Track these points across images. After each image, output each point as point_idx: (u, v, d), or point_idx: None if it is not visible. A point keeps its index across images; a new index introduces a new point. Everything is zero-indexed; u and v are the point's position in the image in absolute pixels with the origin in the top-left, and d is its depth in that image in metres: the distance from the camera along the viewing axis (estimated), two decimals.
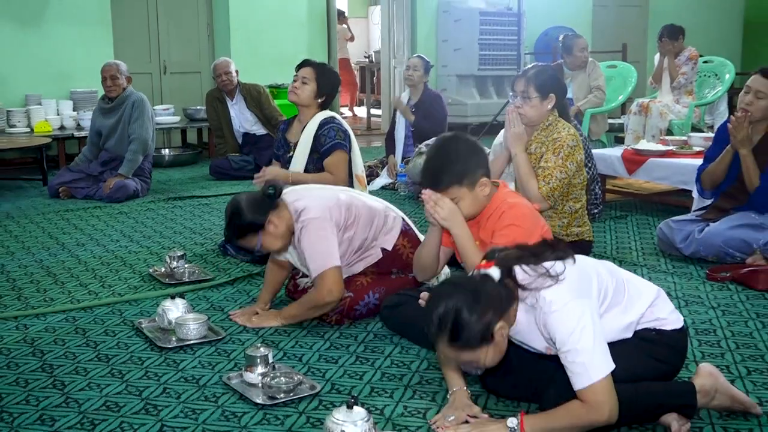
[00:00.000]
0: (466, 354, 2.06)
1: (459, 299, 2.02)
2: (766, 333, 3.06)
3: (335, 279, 3.02)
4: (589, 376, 2.05)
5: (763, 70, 3.89)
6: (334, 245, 3.05)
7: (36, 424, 2.35)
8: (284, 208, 3.09)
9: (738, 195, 3.97)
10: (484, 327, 2.01)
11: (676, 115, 7.03)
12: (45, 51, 7.36)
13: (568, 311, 2.08)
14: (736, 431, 2.26)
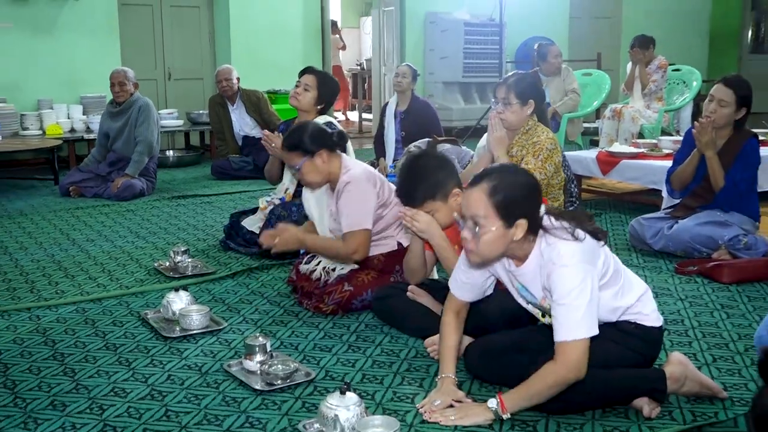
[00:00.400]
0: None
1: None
2: (730, 323, 3.07)
3: (363, 240, 3.07)
4: (574, 332, 2.09)
5: (725, 80, 3.90)
6: (370, 210, 3.08)
7: (48, 409, 2.34)
8: (338, 158, 3.16)
9: (704, 194, 3.98)
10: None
11: (647, 120, 7.05)
12: (56, 58, 7.33)
13: (574, 270, 2.11)
14: (703, 414, 2.27)
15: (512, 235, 2.14)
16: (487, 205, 2.12)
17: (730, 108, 3.81)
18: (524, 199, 2.16)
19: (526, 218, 2.14)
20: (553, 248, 2.16)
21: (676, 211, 4.11)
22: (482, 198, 2.13)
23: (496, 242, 2.15)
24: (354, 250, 3.06)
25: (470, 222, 2.16)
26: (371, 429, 2.06)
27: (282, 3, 8.60)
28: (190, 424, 2.24)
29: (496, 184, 2.14)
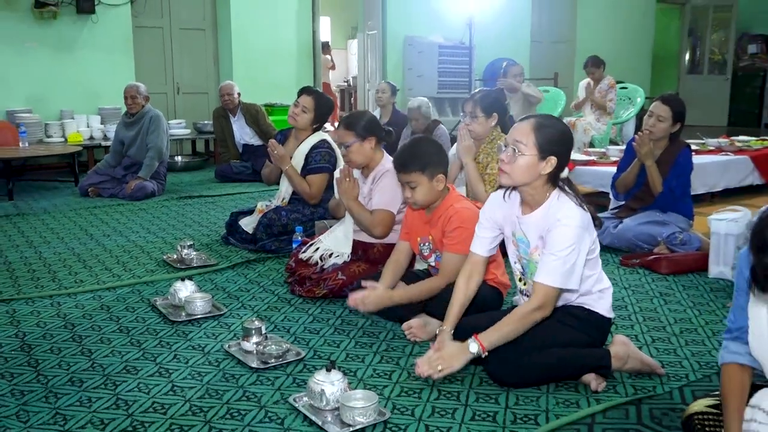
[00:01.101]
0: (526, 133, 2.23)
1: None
2: (667, 309, 3.10)
3: (387, 219, 3.13)
4: (552, 278, 2.19)
5: (662, 98, 3.93)
6: (398, 199, 3.12)
7: (67, 385, 2.33)
8: (381, 150, 3.25)
9: (645, 197, 4.01)
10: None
11: (597, 131, 7.11)
12: (77, 74, 7.27)
13: (573, 231, 2.18)
14: (643, 388, 2.29)
15: (541, 168, 2.22)
16: (530, 135, 2.22)
17: (667, 122, 3.85)
18: (560, 142, 2.25)
19: (557, 158, 2.22)
20: (562, 206, 2.23)
21: (620, 211, 4.14)
22: (528, 129, 2.23)
23: (527, 169, 2.22)
24: (377, 224, 3.11)
25: (511, 147, 2.24)
26: (353, 401, 2.06)
27: (278, 26, 8.57)
28: (194, 397, 2.23)
29: (543, 122, 2.26)
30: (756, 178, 5.88)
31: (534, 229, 2.30)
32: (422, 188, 2.70)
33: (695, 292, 3.34)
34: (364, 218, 3.14)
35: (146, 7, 7.91)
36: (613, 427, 2.05)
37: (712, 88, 12.69)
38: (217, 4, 8.47)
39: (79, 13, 7.15)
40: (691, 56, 13.11)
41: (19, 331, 2.82)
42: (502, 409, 2.15)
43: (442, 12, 9.34)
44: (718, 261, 3.54)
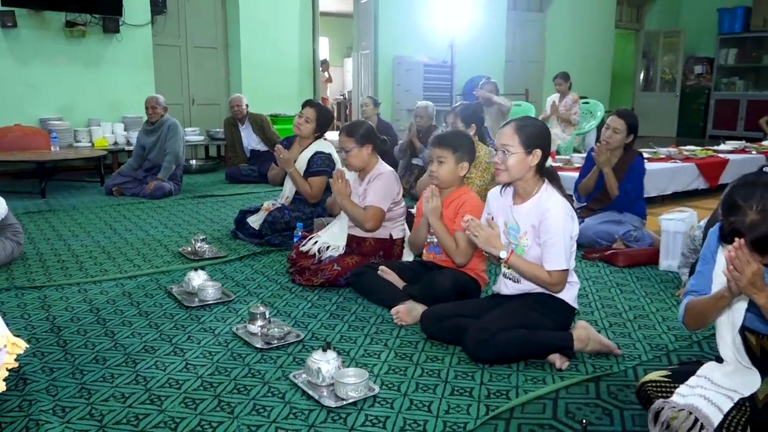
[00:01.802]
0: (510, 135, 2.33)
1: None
2: (623, 297, 3.11)
3: (377, 215, 3.14)
4: (557, 264, 2.29)
5: (618, 112, 3.94)
6: (389, 198, 3.16)
7: (92, 363, 2.30)
8: (376, 156, 3.26)
9: (603, 200, 4.01)
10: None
11: (562, 141, 7.12)
12: (103, 86, 7.20)
13: (563, 219, 2.28)
14: (602, 367, 2.30)
15: (530, 161, 2.31)
16: (514, 136, 2.31)
17: (622, 134, 3.85)
18: (540, 136, 2.34)
19: (541, 150, 2.31)
20: (550, 197, 2.32)
21: (582, 212, 4.13)
22: (511, 132, 2.33)
23: (519, 164, 2.31)
24: (369, 219, 3.12)
25: (501, 151, 2.32)
26: (346, 378, 2.06)
27: (282, 45, 8.52)
28: (205, 374, 2.22)
29: (522, 123, 2.35)
30: (701, 183, 5.91)
31: (525, 217, 2.36)
32: (447, 166, 2.76)
33: (647, 282, 3.35)
34: (357, 214, 3.14)
35: (165, 28, 7.84)
36: (575, 401, 2.05)
37: (664, 103, 12.74)
38: (228, 26, 8.42)
39: (105, 32, 7.09)
40: (645, 75, 13.15)
41: (49, 315, 2.79)
42: (477, 385, 2.15)
43: (427, 35, 9.33)
44: (668, 255, 3.55)
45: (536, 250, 2.33)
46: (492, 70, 9.86)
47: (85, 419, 1.92)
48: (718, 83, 12.30)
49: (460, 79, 9.56)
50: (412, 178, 5.80)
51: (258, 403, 2.02)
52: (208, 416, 1.94)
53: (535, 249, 2.33)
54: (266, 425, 1.89)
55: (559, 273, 2.30)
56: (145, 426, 1.88)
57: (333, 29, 13.26)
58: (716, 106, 12.23)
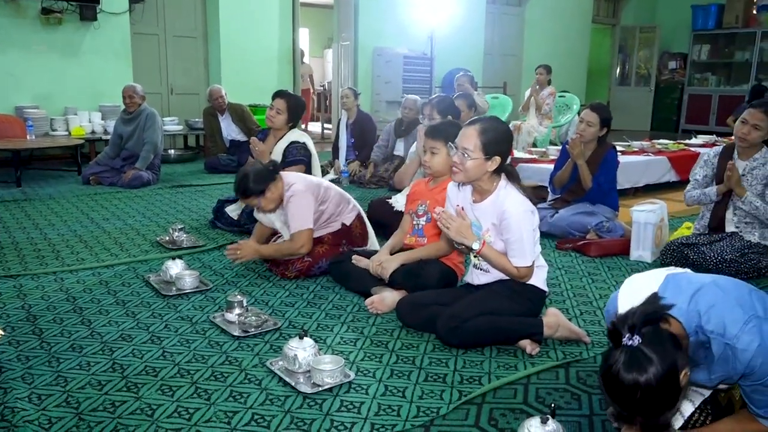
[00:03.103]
0: (473, 140, 2.29)
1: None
2: (594, 286, 3.16)
3: (307, 238, 3.07)
4: (524, 260, 2.32)
5: (591, 106, 3.98)
6: (311, 213, 3.07)
7: (68, 351, 2.29)
8: (279, 180, 3.08)
9: (577, 191, 4.07)
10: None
11: (539, 134, 7.18)
12: (80, 75, 7.09)
13: (522, 215, 2.28)
14: (571, 353, 2.34)
15: (488, 166, 2.29)
16: (476, 141, 2.27)
17: (596, 127, 3.90)
18: (501, 142, 2.31)
19: (500, 156, 2.29)
20: (507, 196, 2.31)
21: (556, 203, 4.20)
22: (473, 135, 2.28)
23: (476, 168, 2.29)
24: (300, 246, 3.06)
25: (461, 151, 2.29)
26: (323, 365, 2.07)
27: (262, 36, 8.45)
28: (182, 362, 2.22)
29: (485, 127, 2.30)
30: (672, 175, 6.01)
31: (485, 215, 2.37)
32: (440, 157, 2.79)
33: (618, 272, 3.41)
34: (285, 250, 3.09)
35: (143, 16, 7.74)
36: (546, 386, 2.09)
37: (638, 97, 12.90)
38: (207, 15, 8.33)
39: (82, 20, 6.97)
40: (620, 70, 13.29)
41: (25, 303, 2.77)
42: (451, 371, 2.18)
43: (407, 27, 9.32)
44: (638, 246, 3.62)
45: (501, 245, 2.36)
46: (471, 62, 9.90)
47: (61, 407, 1.91)
48: (692, 78, 12.48)
49: (440, 72, 9.58)
50: (391, 168, 5.82)
51: (235, 390, 2.03)
52: (185, 403, 1.95)
53: (500, 244, 2.36)
54: (243, 411, 1.90)
55: (527, 268, 2.34)
56: (121, 413, 1.88)
57: (313, 20, 13.18)
58: (689, 100, 12.42)
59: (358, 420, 1.87)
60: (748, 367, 1.46)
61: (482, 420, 1.88)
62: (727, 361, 1.48)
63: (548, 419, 1.61)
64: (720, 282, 1.59)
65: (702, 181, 3.50)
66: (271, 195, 3.04)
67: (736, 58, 12.05)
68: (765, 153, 3.29)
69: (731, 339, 1.46)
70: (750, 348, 1.44)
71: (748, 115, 3.23)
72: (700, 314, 1.50)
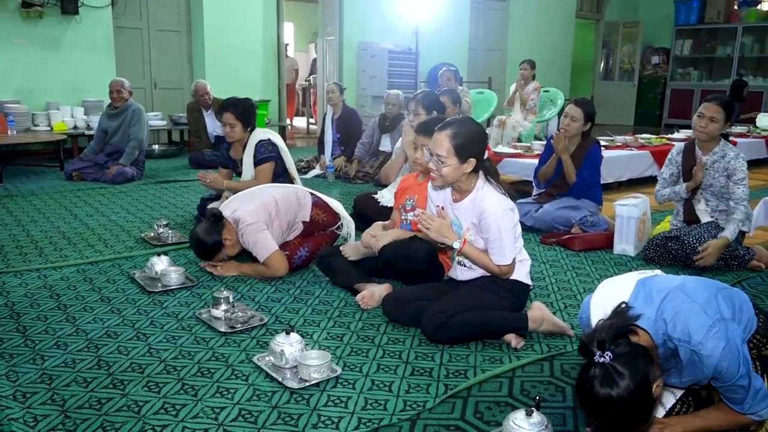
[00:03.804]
0: (445, 146, 2.27)
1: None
2: (578, 280, 3.19)
3: (279, 260, 3.03)
4: (504, 259, 2.33)
5: (575, 101, 4.01)
6: (269, 236, 3.02)
7: (53, 348, 2.28)
8: (228, 223, 3.06)
9: (561, 186, 4.09)
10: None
11: (524, 128, 7.21)
12: (62, 69, 7.01)
13: (501, 214, 2.28)
14: (556, 347, 2.37)
15: (464, 168, 2.28)
16: (449, 146, 2.25)
17: (580, 122, 3.93)
18: (474, 143, 2.29)
19: (475, 158, 2.28)
20: (486, 195, 2.31)
21: (540, 197, 4.22)
22: (446, 141, 2.26)
23: (452, 172, 2.28)
24: (277, 269, 3.03)
25: (435, 157, 2.28)
26: (309, 360, 2.08)
27: (246, 30, 8.40)
28: (168, 358, 2.22)
29: (456, 131, 2.27)
30: (655, 170, 6.06)
31: (465, 214, 2.38)
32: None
33: (602, 265, 3.45)
34: (264, 273, 3.07)
35: (126, 10, 7.66)
36: (531, 379, 2.12)
37: (622, 92, 13.00)
38: (191, 9, 8.26)
39: (63, 14, 6.89)
40: (604, 65, 13.39)
41: (8, 300, 2.74)
42: (437, 365, 2.20)
43: (392, 21, 9.31)
44: (621, 240, 3.66)
45: (482, 243, 2.38)
46: (456, 57, 9.91)
47: (46, 404, 1.90)
48: (674, 73, 12.60)
49: (425, 67, 9.58)
50: (377, 164, 5.83)
51: (222, 386, 2.03)
52: (172, 399, 1.94)
53: (481, 242, 2.37)
54: (230, 407, 1.91)
55: (508, 266, 2.36)
56: (108, 410, 1.88)
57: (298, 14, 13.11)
58: (672, 95, 12.54)
59: (345, 414, 1.88)
60: (716, 371, 1.50)
61: (468, 413, 1.90)
62: (695, 366, 1.52)
63: (533, 412, 1.63)
64: (688, 286, 1.62)
65: (669, 179, 3.59)
66: (229, 242, 3.05)
67: (718, 53, 12.18)
68: (723, 146, 3.37)
69: (696, 346, 1.50)
70: (714, 354, 1.48)
71: (704, 108, 3.31)
72: (666, 322, 1.54)
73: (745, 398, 1.53)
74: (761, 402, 1.55)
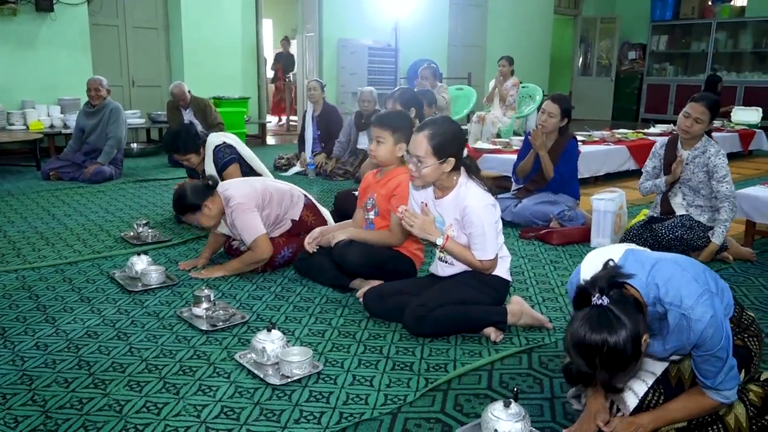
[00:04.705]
0: (423, 147, 2.29)
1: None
2: (557, 274, 3.24)
3: (265, 242, 3.04)
4: (487, 254, 2.36)
5: (552, 98, 4.07)
6: (258, 219, 3.04)
7: (32, 349, 2.27)
8: (217, 196, 3.05)
9: (539, 181, 4.14)
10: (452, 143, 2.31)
11: (503, 124, 7.27)
12: (38, 67, 6.91)
13: (483, 210, 2.31)
14: (534, 339, 2.41)
15: (444, 168, 2.30)
16: (427, 147, 2.28)
17: (557, 118, 3.98)
18: (452, 143, 2.31)
19: (454, 156, 2.30)
20: (468, 192, 2.33)
21: (519, 192, 4.27)
22: (424, 141, 2.28)
23: (432, 173, 2.31)
24: (262, 252, 3.04)
25: (414, 158, 2.30)
26: (291, 357, 2.10)
27: (224, 27, 8.35)
28: (150, 357, 2.22)
29: (434, 132, 2.29)
30: (632, 164, 6.16)
31: (447, 211, 2.40)
32: (385, 146, 2.78)
33: (579, 259, 3.43)
34: (249, 260, 3.07)
35: (102, 7, 7.57)
36: (509, 371, 2.16)
37: (600, 88, 13.14)
38: (168, 6, 8.18)
39: (38, 11, 6.78)
40: (582, 60, 13.51)
41: None
42: (417, 359, 2.23)
43: (371, 18, 9.31)
44: (598, 233, 3.72)
45: (464, 239, 2.40)
46: (435, 54, 9.95)
47: (27, 405, 1.90)
48: (650, 68, 12.76)
49: (405, 63, 9.61)
50: (357, 162, 5.84)
51: (204, 384, 2.04)
52: (154, 398, 1.95)
53: (463, 237, 2.40)
54: (212, 404, 1.92)
55: (490, 261, 2.39)
56: (89, 409, 1.88)
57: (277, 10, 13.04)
58: (648, 90, 12.71)
59: (326, 409, 1.90)
60: (701, 338, 1.54)
61: (448, 406, 1.93)
62: (682, 331, 1.56)
63: (511, 403, 1.66)
64: (678, 259, 1.68)
65: (652, 172, 3.66)
66: (209, 211, 3.01)
67: (693, 48, 12.36)
68: (705, 142, 3.44)
69: (687, 310, 1.54)
70: (703, 319, 1.52)
71: (690, 108, 3.38)
72: (659, 287, 1.57)
73: (719, 371, 1.58)
74: (732, 380, 1.60)
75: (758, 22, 11.56)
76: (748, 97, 11.09)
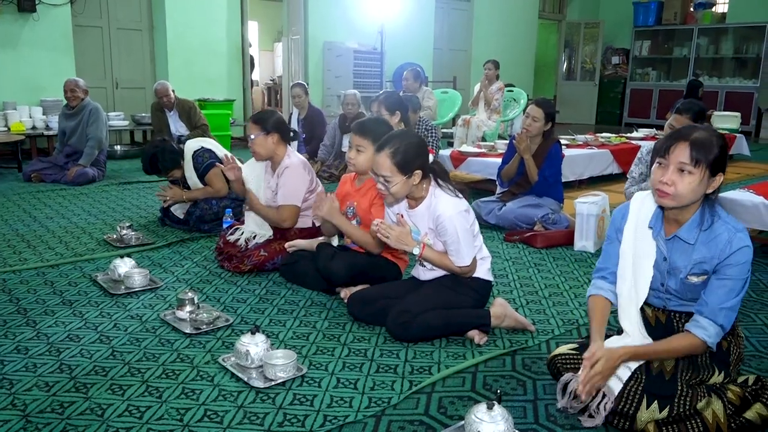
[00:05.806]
0: (387, 166, 2.29)
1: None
2: (540, 277, 3.26)
3: (293, 213, 3.11)
4: (464, 260, 2.38)
5: (536, 102, 4.10)
6: (301, 191, 3.11)
7: (13, 353, 2.25)
8: (285, 146, 3.16)
9: (524, 184, 4.17)
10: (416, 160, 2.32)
11: (488, 128, 7.30)
12: (19, 68, 6.84)
13: (456, 218, 2.32)
14: (518, 342, 2.42)
15: (412, 181, 2.33)
16: (391, 165, 2.29)
17: (541, 122, 4.01)
18: (415, 156, 2.32)
19: (420, 168, 2.32)
20: (439, 201, 2.35)
21: (503, 196, 4.29)
22: (386, 160, 2.29)
23: (401, 188, 2.33)
24: (285, 219, 3.10)
25: (381, 178, 2.31)
26: (275, 360, 2.10)
27: (209, 28, 8.32)
28: (133, 360, 2.21)
29: (395, 149, 2.29)
30: (615, 168, 6.22)
31: (421, 220, 2.43)
32: (365, 155, 2.74)
33: (563, 262, 3.53)
34: (271, 216, 3.13)
35: (86, 8, 7.51)
36: (493, 374, 2.17)
37: (584, 92, 13.26)
38: (152, 7, 8.14)
39: (20, 11, 6.72)
40: (567, 65, 13.62)
41: None
42: (401, 362, 2.23)
43: (357, 21, 9.33)
44: (582, 237, 3.75)
45: (441, 246, 2.42)
46: (421, 57, 9.98)
47: (7, 409, 1.88)
48: (633, 73, 12.90)
49: (390, 66, 9.63)
50: (341, 165, 5.84)
51: (187, 387, 2.03)
52: (136, 401, 1.94)
53: (440, 245, 2.42)
54: (195, 408, 1.91)
55: (468, 266, 2.40)
56: (70, 414, 1.86)
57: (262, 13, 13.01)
58: (631, 95, 12.83)
59: (310, 412, 1.90)
60: (734, 258, 1.72)
61: (432, 408, 1.94)
62: (718, 245, 1.73)
63: (494, 405, 1.68)
64: None
65: (638, 177, 3.70)
66: (270, 142, 3.09)
67: (675, 53, 12.51)
68: None
69: (738, 229, 1.74)
70: (742, 244, 1.72)
71: (675, 121, 3.45)
72: (716, 204, 1.78)
73: (726, 300, 1.73)
74: (728, 318, 1.75)
75: (739, 28, 11.73)
76: (729, 102, 11.25)
